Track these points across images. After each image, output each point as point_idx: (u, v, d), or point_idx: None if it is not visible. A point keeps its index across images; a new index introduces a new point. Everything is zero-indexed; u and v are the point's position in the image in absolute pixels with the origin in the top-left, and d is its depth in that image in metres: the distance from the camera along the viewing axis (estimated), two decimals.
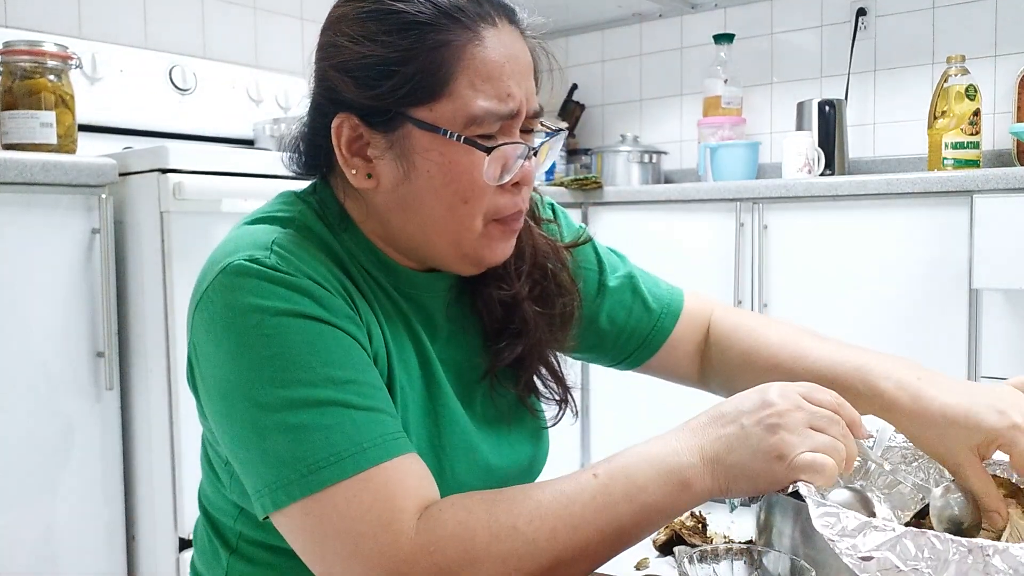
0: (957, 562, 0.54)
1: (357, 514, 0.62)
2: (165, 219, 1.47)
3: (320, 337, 0.66)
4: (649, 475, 0.64)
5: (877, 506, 0.79)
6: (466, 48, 0.70)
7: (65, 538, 1.43)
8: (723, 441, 0.65)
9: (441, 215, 0.74)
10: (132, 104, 2.04)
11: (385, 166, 0.74)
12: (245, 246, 0.70)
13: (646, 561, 0.77)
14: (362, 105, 0.72)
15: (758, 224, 2.23)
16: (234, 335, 0.66)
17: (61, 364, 1.42)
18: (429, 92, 0.70)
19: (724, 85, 2.75)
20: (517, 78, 0.73)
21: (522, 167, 0.74)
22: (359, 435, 0.64)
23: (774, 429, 0.64)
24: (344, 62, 0.73)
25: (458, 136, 0.71)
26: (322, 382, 0.65)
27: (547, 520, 0.62)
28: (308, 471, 0.63)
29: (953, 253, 1.95)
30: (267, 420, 0.64)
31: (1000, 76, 2.42)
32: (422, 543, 0.62)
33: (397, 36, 0.70)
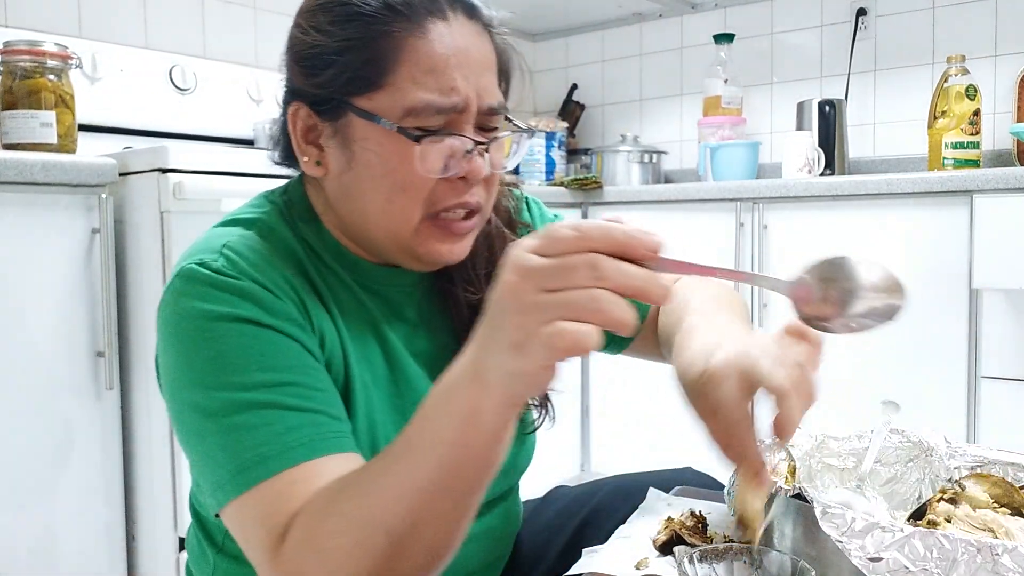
0: (966, 562, 0.54)
1: (261, 516, 0.63)
2: (165, 219, 1.47)
3: (258, 340, 0.67)
4: (440, 413, 0.56)
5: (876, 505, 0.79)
6: (407, 40, 0.71)
7: (65, 538, 1.43)
8: (480, 342, 0.54)
9: (379, 205, 0.74)
10: (132, 104, 2.04)
11: (332, 154, 0.75)
12: (200, 250, 0.72)
13: (646, 561, 0.77)
14: (310, 93, 0.74)
15: (758, 224, 2.23)
16: (179, 339, 0.69)
17: (61, 364, 1.43)
18: (369, 82, 0.71)
19: (724, 85, 2.75)
20: (465, 72, 0.72)
21: (469, 162, 0.73)
22: (289, 435, 0.65)
23: (506, 312, 0.50)
24: (296, 52, 0.76)
25: (391, 125, 0.71)
26: (257, 385, 0.66)
27: (369, 497, 0.59)
28: (238, 471, 0.64)
29: (953, 253, 1.95)
30: (207, 423, 0.66)
31: (1000, 76, 2.42)
32: (285, 560, 0.61)
33: (341, 26, 0.72)
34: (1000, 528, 0.68)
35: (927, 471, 0.82)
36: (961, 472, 0.80)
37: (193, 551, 0.87)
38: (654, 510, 0.89)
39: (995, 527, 0.68)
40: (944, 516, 0.70)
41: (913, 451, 0.84)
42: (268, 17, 2.45)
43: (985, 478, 0.77)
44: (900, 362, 2.03)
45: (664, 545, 0.79)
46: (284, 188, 0.83)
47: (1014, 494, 0.74)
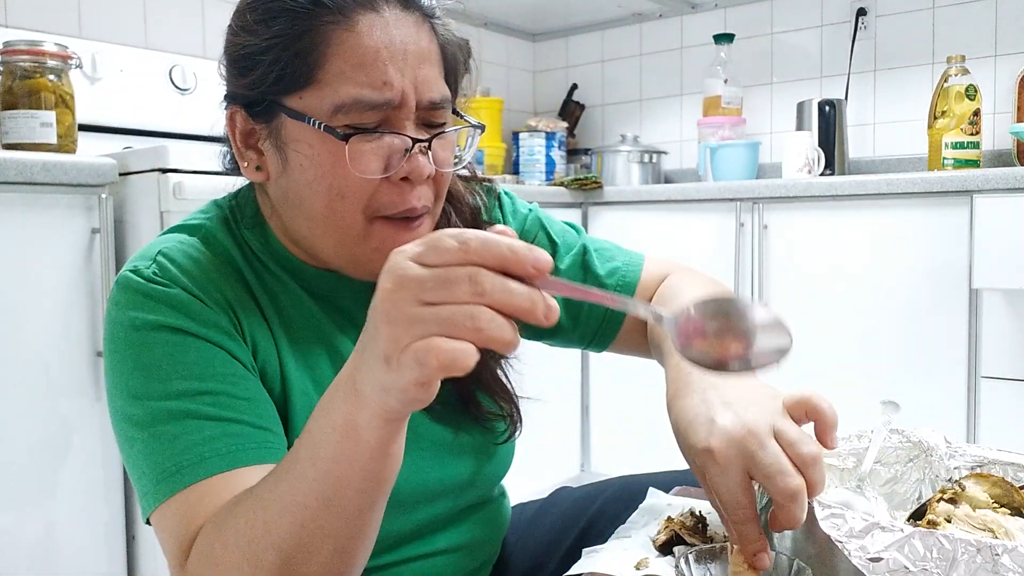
0: (966, 562, 0.54)
1: (174, 527, 0.63)
2: (165, 219, 1.47)
3: (182, 349, 0.67)
4: (321, 427, 0.54)
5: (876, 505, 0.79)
6: (335, 34, 0.67)
7: (65, 538, 1.43)
8: (357, 353, 0.51)
9: (320, 211, 0.70)
10: (132, 104, 2.04)
11: (269, 158, 0.73)
12: (137, 258, 0.72)
13: (645, 561, 0.77)
14: (242, 95, 0.72)
15: (758, 224, 2.23)
16: (113, 347, 0.69)
17: (61, 364, 1.43)
18: (297, 80, 0.68)
19: (724, 85, 2.75)
20: (399, 65, 0.68)
21: (411, 161, 0.69)
22: (205, 446, 0.64)
23: (380, 323, 0.47)
24: (229, 53, 0.74)
25: (319, 124, 0.67)
26: (179, 394, 0.65)
27: (259, 512, 0.56)
28: (157, 481, 0.64)
29: (953, 253, 1.95)
30: (133, 431, 0.66)
31: (1000, 76, 2.42)
32: (189, 567, 0.61)
33: (267, 24, 0.69)
34: (1000, 528, 0.68)
35: (927, 471, 0.82)
36: (961, 472, 0.80)
37: None
38: (654, 510, 0.89)
39: (995, 527, 0.68)
40: (944, 516, 0.70)
41: (913, 451, 0.84)
42: None
43: (985, 478, 0.77)
44: (900, 362, 2.03)
45: (664, 545, 0.79)
46: (235, 193, 0.81)
47: (1014, 494, 0.74)
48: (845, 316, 2.10)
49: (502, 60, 3.20)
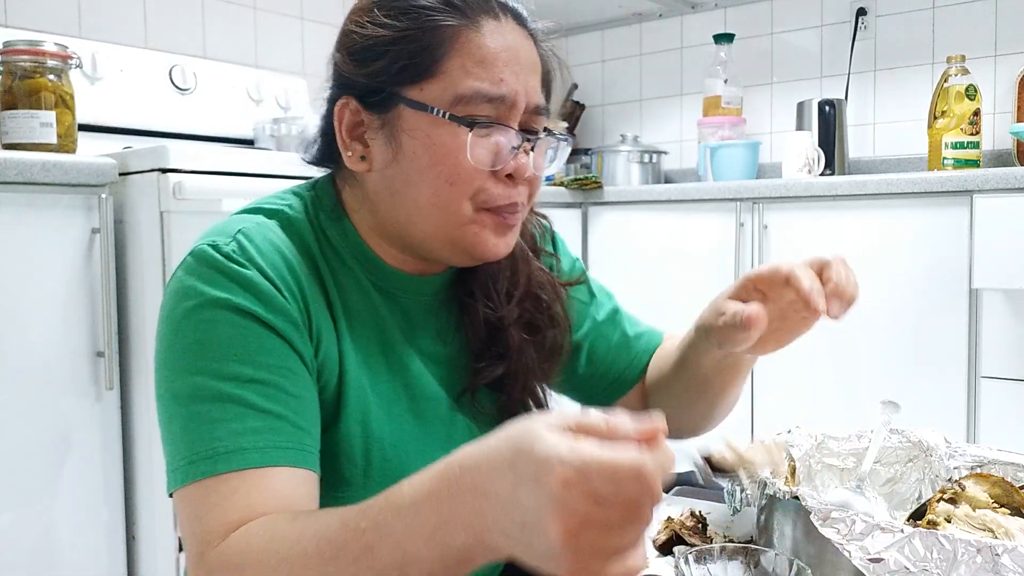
0: (966, 562, 0.54)
1: (199, 512, 0.63)
2: (165, 219, 1.47)
3: (246, 332, 0.67)
4: (422, 549, 0.52)
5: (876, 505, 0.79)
6: (461, 32, 0.72)
7: (65, 538, 1.43)
8: (498, 528, 0.49)
9: (427, 198, 0.73)
10: (132, 104, 2.04)
11: (377, 148, 0.75)
12: (215, 232, 0.72)
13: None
14: (359, 84, 0.75)
15: (758, 224, 2.23)
16: (173, 317, 0.69)
17: (61, 364, 1.42)
18: (420, 71, 0.72)
19: (724, 85, 2.75)
20: (514, 68, 0.74)
21: (516, 159, 0.74)
22: (245, 437, 0.64)
23: (556, 542, 0.46)
24: (349, 46, 0.76)
25: (443, 113, 0.71)
26: (229, 377, 0.66)
27: (309, 570, 0.56)
28: (189, 461, 0.64)
29: (953, 253, 1.95)
30: (175, 405, 0.67)
31: (1000, 76, 2.42)
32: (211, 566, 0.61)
33: (395, 18, 0.73)
34: (1000, 528, 0.68)
35: (927, 471, 0.82)
36: (961, 472, 0.80)
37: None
38: None
39: (995, 527, 0.69)
40: (944, 516, 0.70)
41: (913, 451, 0.84)
42: (268, 17, 2.45)
43: (985, 478, 0.77)
44: (900, 362, 2.03)
45: (664, 545, 0.79)
46: (312, 184, 0.83)
47: (1014, 494, 0.74)
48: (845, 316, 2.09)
49: None
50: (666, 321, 1.00)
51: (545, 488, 0.45)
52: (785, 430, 0.84)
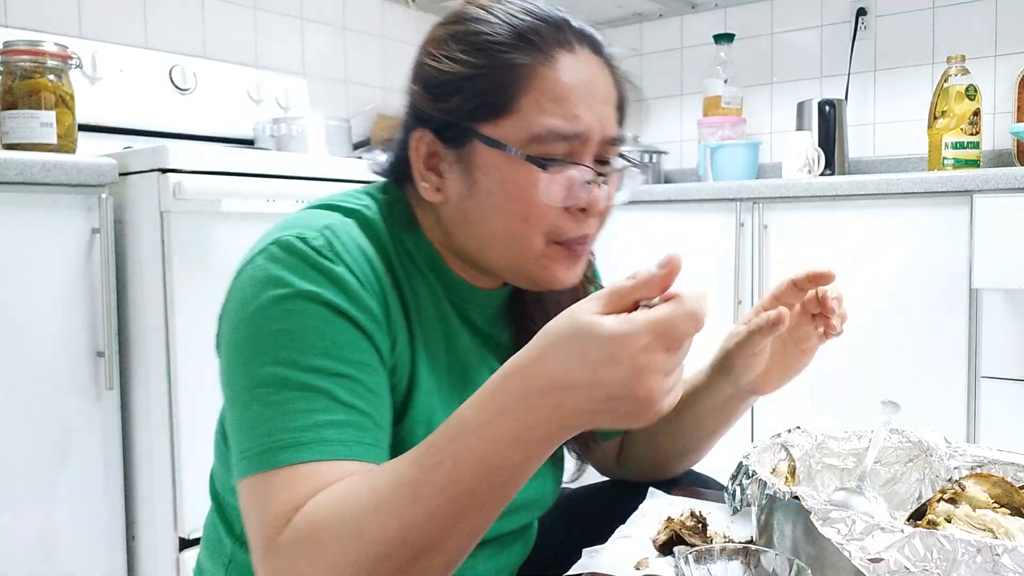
0: (966, 562, 0.54)
1: (274, 500, 0.62)
2: (165, 219, 1.47)
3: (331, 326, 0.67)
4: (507, 456, 0.58)
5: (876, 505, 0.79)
6: (536, 69, 0.73)
7: (65, 538, 1.43)
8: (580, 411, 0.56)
9: (500, 233, 0.75)
10: (132, 104, 2.04)
11: (453, 181, 0.76)
12: (300, 225, 0.72)
13: (646, 561, 0.77)
14: (435, 119, 0.76)
15: (758, 224, 2.23)
16: (257, 303, 0.68)
17: (61, 364, 1.42)
18: (495, 109, 0.73)
19: (724, 85, 2.75)
20: (589, 102, 0.74)
21: (589, 193, 0.74)
22: (329, 429, 0.64)
23: (642, 400, 0.55)
24: (424, 79, 0.77)
25: (518, 152, 0.72)
26: (315, 369, 0.66)
27: (393, 519, 0.58)
28: (268, 448, 0.64)
29: (953, 253, 1.95)
30: (255, 391, 0.66)
31: (1000, 76, 2.43)
32: (280, 550, 0.61)
33: (472, 55, 0.74)
34: (1000, 528, 0.68)
35: (927, 471, 0.82)
36: (961, 472, 0.80)
37: (209, 540, 0.86)
38: (654, 510, 0.89)
39: (995, 527, 0.69)
40: (944, 516, 0.70)
41: (913, 451, 0.84)
42: (268, 17, 2.45)
43: (985, 478, 0.77)
44: (900, 362, 2.03)
45: (664, 545, 0.79)
46: (382, 187, 0.83)
47: (1014, 494, 0.74)
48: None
49: None
50: None
51: (626, 362, 0.53)
52: (785, 430, 0.84)
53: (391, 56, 2.80)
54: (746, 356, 0.84)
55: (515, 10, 0.75)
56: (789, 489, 0.64)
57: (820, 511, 0.59)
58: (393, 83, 2.80)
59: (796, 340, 0.85)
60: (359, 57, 2.70)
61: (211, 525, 0.86)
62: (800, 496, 0.62)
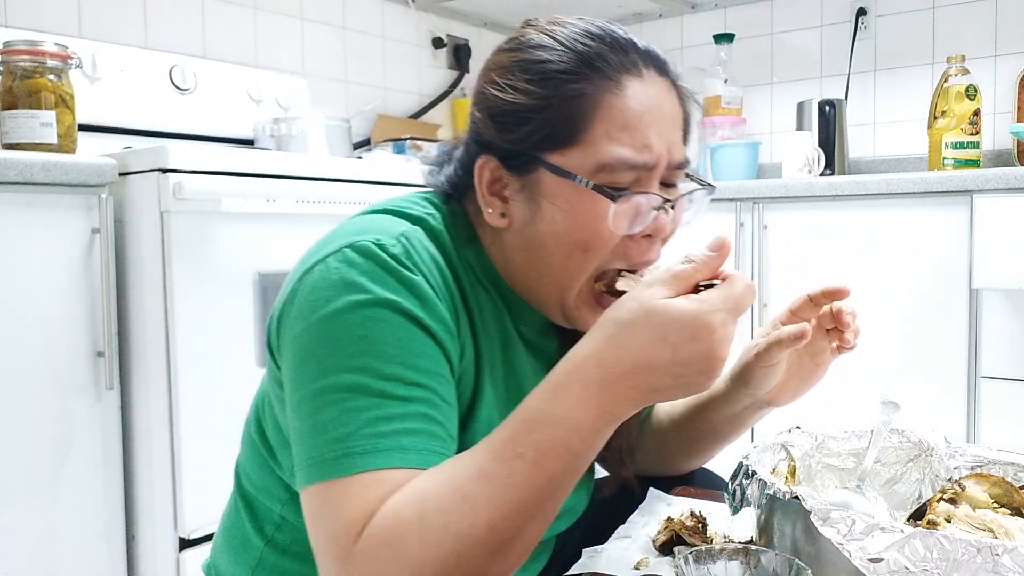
0: (966, 562, 0.54)
1: (349, 506, 0.62)
2: (165, 219, 1.47)
3: (409, 335, 0.67)
4: (588, 440, 0.62)
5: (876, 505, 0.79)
6: (604, 97, 0.72)
7: (65, 538, 1.43)
8: (656, 388, 0.62)
9: (556, 261, 0.74)
10: (132, 104, 2.04)
11: (517, 207, 0.76)
12: (376, 230, 0.71)
13: (646, 561, 0.77)
14: (501, 148, 0.75)
15: (758, 224, 2.23)
16: (335, 307, 0.67)
17: (61, 364, 1.42)
18: (563, 138, 0.72)
19: (724, 85, 2.75)
20: (658, 128, 0.73)
21: (655, 219, 0.74)
22: (405, 438, 0.64)
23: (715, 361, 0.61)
24: (489, 108, 0.76)
25: (586, 182, 0.71)
26: (394, 378, 0.65)
27: (481, 513, 0.59)
28: (343, 454, 0.63)
29: (953, 253, 1.95)
30: (329, 395, 0.65)
31: (1000, 76, 2.42)
32: (359, 557, 0.60)
33: (538, 85, 0.73)
34: (1000, 528, 0.68)
35: (927, 471, 0.82)
36: (961, 472, 0.80)
37: (232, 541, 0.85)
38: (654, 510, 0.89)
39: (995, 527, 0.69)
40: (944, 516, 0.70)
41: (913, 451, 0.84)
42: (268, 17, 2.45)
43: (985, 478, 0.77)
44: (900, 362, 2.03)
45: (664, 545, 0.79)
46: (443, 198, 0.82)
47: (1014, 494, 0.74)
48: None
49: None
50: None
51: (706, 339, 0.59)
52: (785, 430, 0.84)
53: (391, 56, 2.80)
54: (764, 368, 0.84)
55: (578, 34, 0.74)
56: (789, 489, 0.64)
57: (820, 511, 0.59)
58: (393, 83, 2.80)
59: (811, 354, 0.86)
60: (359, 57, 2.70)
61: (235, 526, 0.85)
62: (800, 496, 0.62)
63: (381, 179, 1.78)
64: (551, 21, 0.77)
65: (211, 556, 0.90)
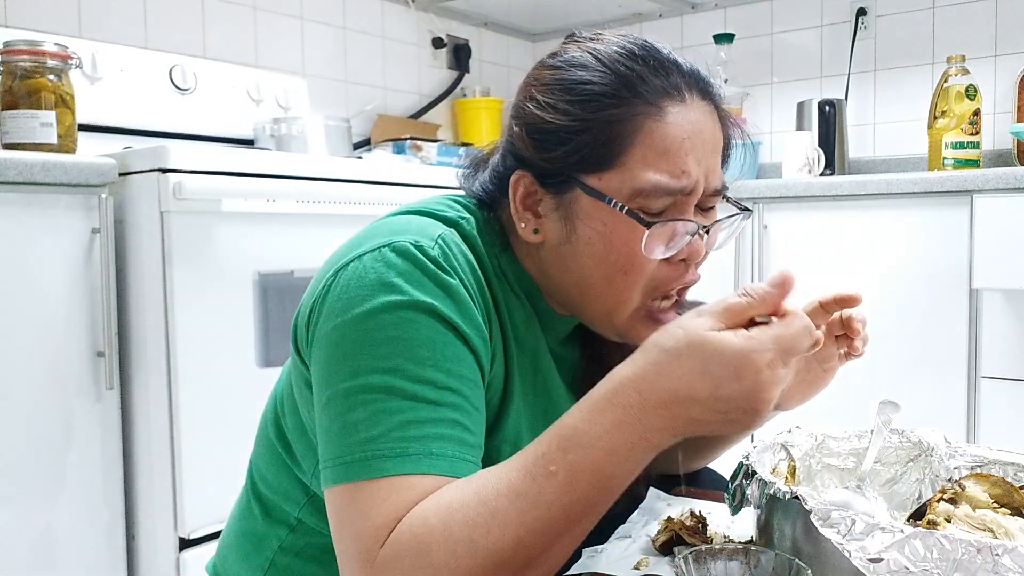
0: (966, 562, 0.54)
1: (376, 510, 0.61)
2: (165, 219, 1.47)
3: (443, 339, 0.66)
4: (621, 465, 0.60)
5: (876, 505, 0.79)
6: (644, 123, 0.71)
7: (65, 538, 1.43)
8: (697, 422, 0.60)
9: (598, 283, 0.74)
10: (132, 104, 2.04)
11: (551, 225, 0.75)
12: (414, 231, 0.71)
13: (646, 561, 0.77)
14: (538, 165, 0.75)
15: (758, 224, 2.23)
16: (370, 306, 0.66)
17: (61, 364, 1.43)
18: (601, 161, 0.72)
19: (724, 85, 2.75)
20: (697, 155, 0.72)
21: (690, 244, 0.73)
22: (435, 443, 0.63)
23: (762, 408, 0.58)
24: (528, 124, 0.75)
25: (621, 207, 0.71)
26: (426, 381, 0.64)
27: (509, 529, 0.58)
28: (373, 456, 0.62)
29: (953, 253, 1.95)
30: (359, 396, 0.64)
31: (1000, 76, 2.42)
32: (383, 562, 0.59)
33: (578, 106, 0.72)
34: (1000, 528, 0.68)
35: (927, 471, 0.82)
36: (961, 472, 0.80)
37: (242, 541, 0.84)
38: (654, 510, 0.89)
39: (995, 527, 0.68)
40: (944, 516, 0.70)
41: (913, 451, 0.84)
42: (268, 17, 2.45)
43: (985, 478, 0.77)
44: (900, 362, 2.03)
45: (664, 545, 0.79)
46: (478, 203, 0.81)
47: (1014, 494, 0.74)
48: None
49: (502, 60, 3.20)
50: None
51: (749, 378, 0.57)
52: (785, 430, 0.84)
53: (391, 56, 2.80)
54: None
55: (621, 54, 0.73)
56: (789, 489, 0.64)
57: (820, 511, 0.59)
58: (393, 83, 2.80)
59: (820, 360, 0.86)
60: (359, 57, 2.70)
61: (248, 526, 0.84)
62: (800, 496, 0.62)
63: (381, 179, 1.78)
64: (593, 37, 0.77)
65: (217, 555, 0.89)
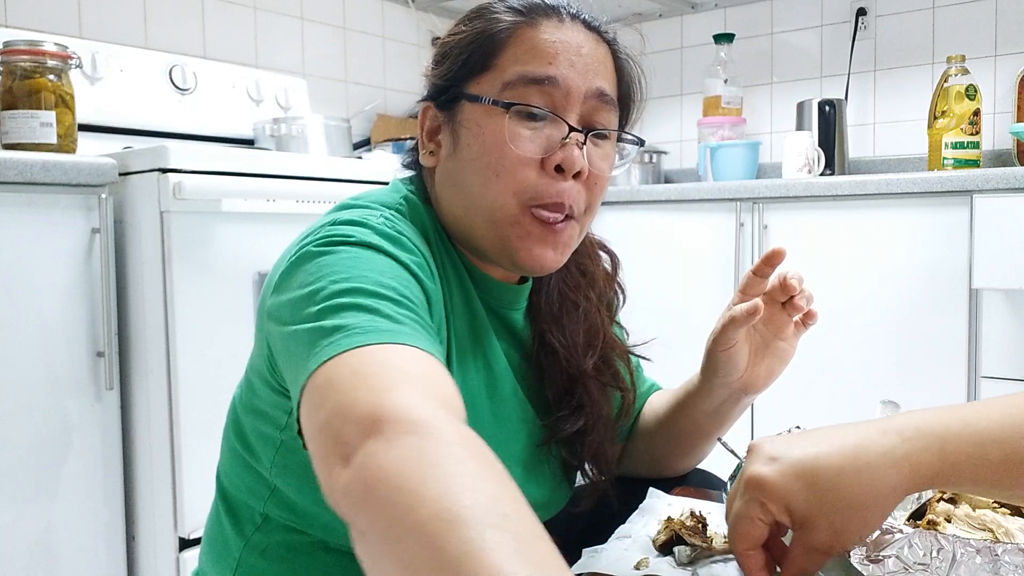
0: (966, 562, 0.54)
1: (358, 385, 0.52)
2: (165, 219, 1.47)
3: (398, 271, 0.65)
4: None
5: None
6: (520, 28, 0.76)
7: (65, 538, 1.43)
8: None
9: (476, 189, 0.75)
10: (132, 104, 2.04)
11: (444, 143, 0.79)
12: (356, 208, 0.74)
13: (646, 561, 0.77)
14: (435, 87, 0.80)
15: (758, 224, 2.23)
16: (322, 246, 0.66)
17: (61, 364, 1.43)
18: (478, 66, 0.76)
19: (724, 85, 2.75)
20: (570, 58, 0.75)
21: (564, 149, 0.73)
22: (406, 325, 0.59)
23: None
24: (433, 55, 0.82)
25: (490, 100, 0.74)
26: (388, 287, 0.62)
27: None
28: (347, 335, 0.56)
29: (953, 253, 1.95)
30: (324, 315, 0.59)
31: (1000, 76, 2.43)
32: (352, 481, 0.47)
33: (466, 23, 0.79)
34: (1000, 528, 0.68)
35: None
36: None
37: (213, 543, 0.84)
38: (654, 510, 0.89)
39: (995, 527, 0.69)
40: (944, 516, 0.70)
41: None
42: (268, 17, 2.45)
43: None
44: (900, 362, 2.03)
45: (664, 545, 0.79)
46: (409, 179, 0.85)
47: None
48: (845, 316, 2.09)
49: None
50: (666, 320, 1.01)
51: None
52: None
53: (391, 56, 2.80)
54: (725, 352, 0.83)
55: None
56: None
57: None
58: (393, 83, 2.80)
59: (774, 331, 0.86)
60: (359, 57, 2.70)
61: (216, 528, 0.85)
62: None
63: (381, 179, 1.78)
64: None
65: (199, 564, 0.89)
